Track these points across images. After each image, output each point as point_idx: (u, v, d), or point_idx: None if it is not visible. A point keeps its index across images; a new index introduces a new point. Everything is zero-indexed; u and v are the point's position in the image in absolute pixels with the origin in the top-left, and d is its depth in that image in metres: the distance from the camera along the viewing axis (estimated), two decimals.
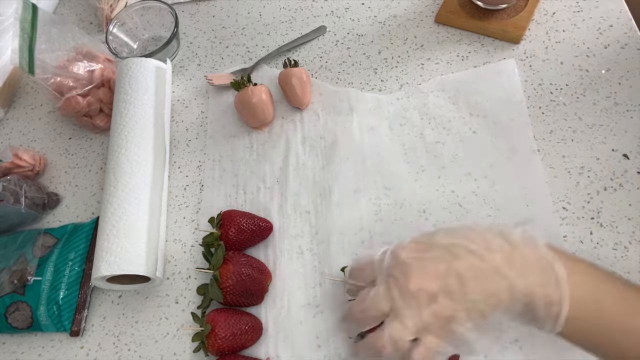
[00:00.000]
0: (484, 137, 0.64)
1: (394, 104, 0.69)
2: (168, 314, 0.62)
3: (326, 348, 0.56)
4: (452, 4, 0.72)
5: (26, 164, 0.72)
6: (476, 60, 0.69)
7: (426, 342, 0.39)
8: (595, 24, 0.68)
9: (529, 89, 0.66)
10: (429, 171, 0.63)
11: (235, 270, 0.56)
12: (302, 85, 0.70)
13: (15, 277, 0.63)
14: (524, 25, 0.68)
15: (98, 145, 0.76)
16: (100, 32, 0.87)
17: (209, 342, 0.54)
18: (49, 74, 0.69)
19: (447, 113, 0.66)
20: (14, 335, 0.64)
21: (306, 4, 0.81)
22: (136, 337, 0.61)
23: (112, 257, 0.58)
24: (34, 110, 0.82)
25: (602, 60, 0.65)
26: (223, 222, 0.61)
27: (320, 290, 0.59)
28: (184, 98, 0.77)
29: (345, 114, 0.69)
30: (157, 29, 0.82)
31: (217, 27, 0.83)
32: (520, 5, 0.70)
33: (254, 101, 0.68)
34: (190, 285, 0.63)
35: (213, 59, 0.80)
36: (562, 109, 0.63)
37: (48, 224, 0.71)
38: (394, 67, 0.72)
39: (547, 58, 0.67)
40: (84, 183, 0.74)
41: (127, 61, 0.71)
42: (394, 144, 0.66)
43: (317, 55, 0.76)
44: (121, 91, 0.69)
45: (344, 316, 0.47)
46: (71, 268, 0.64)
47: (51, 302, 0.62)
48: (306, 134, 0.69)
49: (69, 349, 0.62)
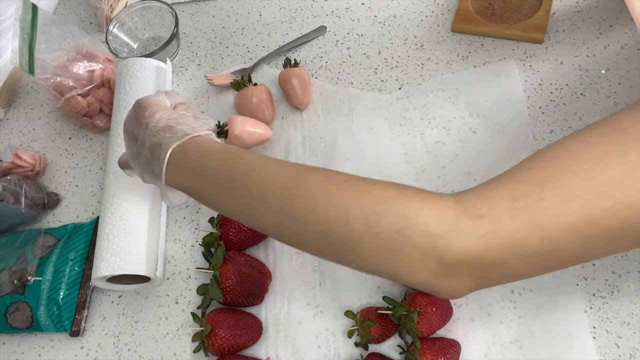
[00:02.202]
0: (484, 137, 0.64)
1: (394, 104, 0.69)
2: (168, 314, 0.62)
3: (326, 348, 0.56)
4: (467, 12, 0.71)
5: (26, 164, 0.72)
6: (476, 60, 0.69)
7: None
8: (595, 24, 0.68)
9: (529, 89, 0.66)
10: (429, 171, 0.63)
11: (235, 270, 0.56)
12: (302, 85, 0.70)
13: (15, 277, 0.63)
14: (544, 24, 0.68)
15: (98, 145, 0.76)
16: (100, 32, 0.87)
17: (209, 342, 0.54)
18: (49, 74, 0.69)
19: (447, 113, 0.66)
20: (14, 335, 0.64)
21: (306, 4, 0.81)
22: (136, 337, 0.61)
23: (112, 257, 0.58)
24: (34, 110, 0.82)
25: (602, 60, 0.65)
26: (223, 222, 0.61)
27: (320, 290, 0.59)
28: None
29: (345, 114, 0.69)
30: (157, 29, 0.82)
31: (217, 27, 0.83)
32: (535, 5, 0.69)
33: (254, 101, 0.68)
34: (190, 285, 0.63)
35: (213, 59, 0.80)
36: (562, 109, 0.63)
37: (48, 224, 0.71)
38: (394, 67, 0.72)
39: (547, 58, 0.67)
40: (84, 183, 0.74)
41: (127, 61, 0.71)
42: (394, 144, 0.66)
43: (317, 55, 0.76)
44: (121, 91, 0.69)
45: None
46: (71, 268, 0.64)
47: (51, 302, 0.62)
48: (306, 134, 0.69)
49: (69, 349, 0.62)
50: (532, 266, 0.37)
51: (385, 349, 0.55)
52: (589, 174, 0.34)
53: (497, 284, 0.39)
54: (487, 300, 0.55)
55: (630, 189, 0.33)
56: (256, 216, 0.43)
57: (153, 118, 0.49)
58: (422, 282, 0.38)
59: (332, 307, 0.58)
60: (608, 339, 0.51)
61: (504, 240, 0.35)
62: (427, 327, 0.52)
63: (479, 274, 0.37)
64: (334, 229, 0.38)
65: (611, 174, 0.34)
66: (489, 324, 0.54)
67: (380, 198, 0.37)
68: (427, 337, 0.53)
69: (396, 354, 0.54)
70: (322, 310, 0.58)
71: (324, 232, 0.39)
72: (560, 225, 0.34)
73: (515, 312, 0.54)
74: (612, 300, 0.53)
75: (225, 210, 0.46)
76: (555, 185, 0.35)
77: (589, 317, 0.52)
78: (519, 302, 0.54)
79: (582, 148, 0.35)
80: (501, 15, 0.70)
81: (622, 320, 0.52)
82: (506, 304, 0.54)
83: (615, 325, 0.52)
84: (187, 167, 0.46)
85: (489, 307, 0.55)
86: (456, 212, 0.36)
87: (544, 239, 0.35)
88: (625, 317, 0.52)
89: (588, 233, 0.34)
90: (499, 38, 0.70)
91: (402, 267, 0.37)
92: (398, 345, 0.54)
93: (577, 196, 0.34)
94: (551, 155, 0.36)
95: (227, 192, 0.44)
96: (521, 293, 0.55)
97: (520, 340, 0.53)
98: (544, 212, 0.34)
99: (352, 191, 0.38)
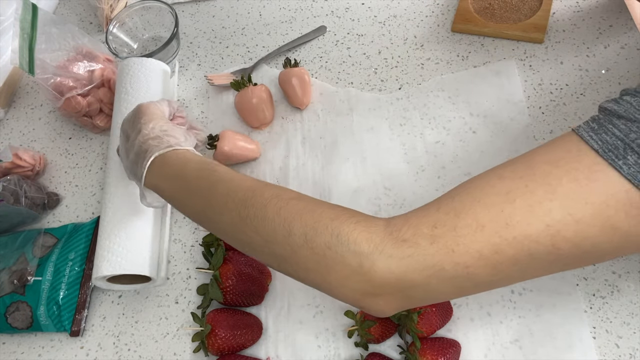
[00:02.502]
0: (484, 137, 0.64)
1: (393, 104, 0.69)
2: (168, 314, 0.62)
3: (326, 348, 0.56)
4: (467, 12, 0.72)
5: (26, 164, 0.72)
6: (476, 60, 0.69)
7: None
8: (595, 24, 0.68)
9: (529, 89, 0.66)
10: (429, 171, 0.63)
11: (235, 270, 0.56)
12: (302, 85, 0.70)
13: (15, 277, 0.63)
14: (543, 24, 0.68)
15: (98, 145, 0.76)
16: (100, 32, 0.87)
17: (209, 342, 0.54)
18: (49, 74, 0.69)
19: (447, 113, 0.66)
20: (14, 335, 0.64)
21: (306, 4, 0.81)
22: (136, 337, 0.61)
23: (113, 256, 0.58)
24: (34, 110, 0.82)
25: (602, 60, 0.65)
26: None
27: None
28: (184, 98, 0.77)
29: (345, 114, 0.69)
30: (157, 29, 0.82)
31: (217, 27, 0.83)
32: (535, 5, 0.69)
33: (254, 101, 0.68)
34: (190, 285, 0.63)
35: (213, 59, 0.80)
36: (562, 109, 0.63)
37: (48, 224, 0.71)
38: (394, 67, 0.72)
39: (547, 58, 0.67)
40: (84, 183, 0.74)
41: (127, 61, 0.70)
42: (394, 144, 0.66)
43: (317, 55, 0.76)
44: (121, 91, 0.69)
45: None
46: (71, 268, 0.64)
47: (51, 302, 0.62)
48: (306, 134, 0.69)
49: (69, 349, 0.62)
50: (449, 289, 0.39)
51: (385, 349, 0.55)
52: (497, 207, 0.37)
53: (421, 304, 0.43)
54: (487, 300, 0.55)
55: (531, 222, 0.36)
56: (217, 221, 0.46)
57: (147, 126, 0.54)
58: (352, 299, 0.40)
59: (332, 307, 0.58)
60: (608, 339, 0.51)
61: (422, 263, 0.38)
62: (427, 327, 0.52)
63: (402, 294, 0.39)
64: (278, 240, 0.42)
65: (515, 208, 0.36)
66: (489, 324, 0.54)
67: (320, 217, 0.41)
68: (427, 337, 0.53)
69: (396, 354, 0.54)
70: (322, 310, 0.58)
71: (270, 241, 0.42)
72: (472, 253, 0.37)
73: (515, 312, 0.54)
74: (612, 300, 0.53)
75: (192, 215, 0.50)
76: (468, 215, 0.38)
77: (589, 317, 0.52)
78: (519, 302, 0.54)
79: (496, 181, 0.39)
80: (501, 15, 0.70)
81: (622, 320, 0.52)
82: (506, 304, 0.54)
83: (615, 325, 0.52)
84: (165, 174, 0.50)
85: (489, 307, 0.55)
86: (383, 234, 0.39)
87: (458, 265, 0.37)
88: (625, 317, 0.52)
89: (497, 260, 0.37)
90: (499, 38, 0.70)
91: (335, 282, 0.40)
92: (398, 345, 0.54)
93: (485, 227, 0.37)
94: (470, 187, 0.40)
95: (195, 198, 0.48)
96: (521, 293, 0.55)
97: (520, 340, 0.53)
98: (458, 239, 0.37)
99: (298, 208, 0.42)
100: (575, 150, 0.37)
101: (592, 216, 0.35)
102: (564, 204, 0.35)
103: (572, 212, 0.35)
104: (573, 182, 0.36)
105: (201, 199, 0.47)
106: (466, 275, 0.38)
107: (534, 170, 0.37)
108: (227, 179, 0.47)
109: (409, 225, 0.39)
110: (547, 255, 0.37)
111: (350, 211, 0.42)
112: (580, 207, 0.35)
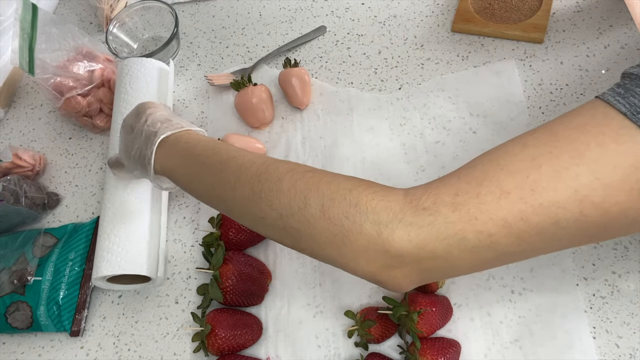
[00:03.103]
0: (484, 137, 0.64)
1: (393, 104, 0.69)
2: (168, 314, 0.62)
3: (326, 348, 0.56)
4: (467, 12, 0.71)
5: (26, 164, 0.72)
6: (476, 60, 0.69)
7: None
8: (595, 24, 0.68)
9: (529, 89, 0.66)
10: (429, 171, 0.63)
11: (235, 270, 0.56)
12: (302, 85, 0.70)
13: (15, 277, 0.63)
14: (543, 24, 0.68)
15: (98, 145, 0.76)
16: (100, 32, 0.87)
17: (209, 342, 0.54)
18: (49, 74, 0.69)
19: (447, 113, 0.66)
20: (14, 335, 0.64)
21: (306, 4, 0.81)
22: (136, 337, 0.61)
23: (113, 256, 0.58)
24: (34, 110, 0.82)
25: (602, 60, 0.65)
26: (223, 222, 0.61)
27: (320, 290, 0.59)
28: (184, 98, 0.77)
29: (345, 114, 0.69)
30: (157, 29, 0.82)
31: (217, 27, 0.83)
32: (535, 5, 0.69)
33: (254, 101, 0.68)
34: (190, 285, 0.63)
35: (213, 59, 0.80)
36: (562, 109, 0.63)
37: (48, 224, 0.71)
38: (394, 67, 0.72)
39: (547, 58, 0.67)
40: (84, 183, 0.74)
41: (127, 61, 0.71)
42: (394, 144, 0.66)
43: (317, 55, 0.76)
44: (121, 91, 0.69)
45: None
46: (71, 268, 0.64)
47: (51, 302, 0.62)
48: (306, 134, 0.69)
49: (69, 349, 0.62)
50: (470, 260, 0.38)
51: (385, 349, 0.55)
52: (522, 173, 0.36)
53: (440, 278, 0.42)
54: (487, 300, 0.55)
55: (558, 187, 0.35)
56: (229, 198, 0.46)
57: (154, 114, 0.54)
58: (368, 273, 0.40)
59: (332, 307, 0.58)
60: (608, 339, 0.51)
61: (443, 232, 0.37)
62: (427, 327, 0.52)
63: (421, 266, 0.38)
64: (293, 212, 0.41)
65: (541, 173, 0.36)
66: (489, 324, 0.54)
67: (337, 187, 0.40)
68: (427, 337, 0.53)
69: (396, 354, 0.54)
70: (322, 310, 0.58)
71: (284, 215, 0.41)
72: (495, 220, 0.36)
73: (515, 312, 0.54)
74: (612, 300, 0.53)
75: (203, 193, 0.49)
76: (492, 182, 0.37)
77: (589, 317, 0.52)
78: (519, 302, 0.54)
79: (519, 149, 0.38)
80: (501, 15, 0.70)
81: (622, 320, 0.52)
82: (506, 304, 0.54)
83: (615, 325, 0.52)
84: (175, 152, 0.50)
85: (489, 307, 0.55)
86: (402, 203, 0.38)
87: (481, 233, 0.36)
88: (625, 317, 0.52)
89: (521, 229, 0.36)
90: (499, 38, 0.70)
91: (351, 255, 0.39)
92: (398, 345, 0.54)
93: (510, 193, 0.36)
94: (491, 156, 0.39)
95: (206, 175, 0.47)
96: (521, 293, 0.55)
97: (520, 340, 0.53)
98: (481, 207, 0.36)
99: (314, 180, 0.41)
100: (601, 116, 0.36)
101: (620, 180, 0.34)
102: (591, 169, 0.35)
103: (600, 176, 0.34)
104: (600, 146, 0.35)
105: (213, 175, 0.47)
106: (489, 245, 0.36)
107: (558, 137, 0.36)
108: (240, 155, 0.47)
109: (428, 194, 0.38)
110: (574, 223, 0.36)
111: (368, 182, 0.41)
112: (609, 171, 0.34)
